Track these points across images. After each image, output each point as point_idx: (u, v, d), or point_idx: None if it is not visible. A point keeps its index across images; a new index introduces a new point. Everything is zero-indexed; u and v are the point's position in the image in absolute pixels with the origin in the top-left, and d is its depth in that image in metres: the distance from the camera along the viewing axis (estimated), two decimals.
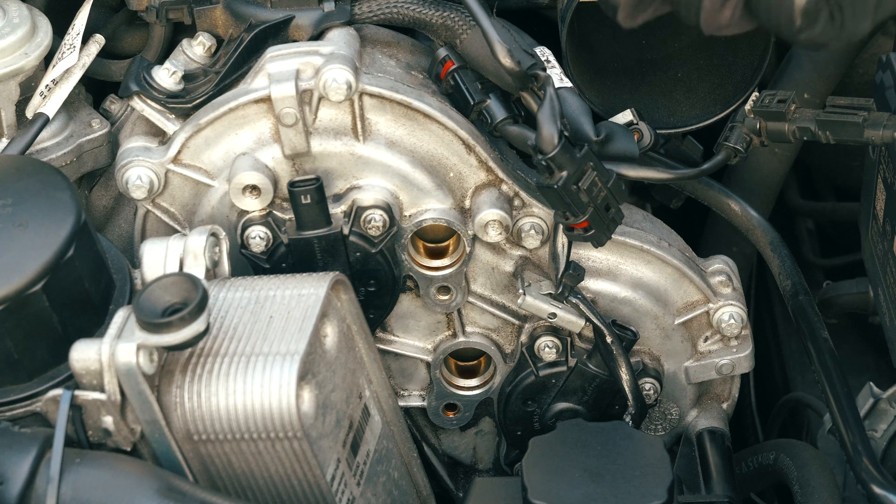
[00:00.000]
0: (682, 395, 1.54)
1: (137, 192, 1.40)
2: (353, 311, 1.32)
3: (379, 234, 1.40)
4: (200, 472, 1.20)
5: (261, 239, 1.39)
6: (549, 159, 1.27)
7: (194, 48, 1.45)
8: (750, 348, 1.50)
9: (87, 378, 1.15)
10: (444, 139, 1.40)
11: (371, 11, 1.43)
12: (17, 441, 1.12)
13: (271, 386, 1.16)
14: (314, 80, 1.35)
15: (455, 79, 1.40)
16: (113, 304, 1.24)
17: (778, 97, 1.37)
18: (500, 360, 1.52)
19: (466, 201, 1.43)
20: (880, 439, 1.42)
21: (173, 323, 1.12)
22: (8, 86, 1.38)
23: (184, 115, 1.42)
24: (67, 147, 1.43)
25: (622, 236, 1.45)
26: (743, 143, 1.39)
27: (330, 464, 1.22)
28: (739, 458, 1.54)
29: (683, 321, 1.49)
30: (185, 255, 1.24)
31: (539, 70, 1.34)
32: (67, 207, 1.20)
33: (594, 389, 1.50)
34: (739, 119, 1.40)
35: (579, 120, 1.38)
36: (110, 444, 1.18)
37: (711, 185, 1.58)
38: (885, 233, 1.43)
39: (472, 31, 1.39)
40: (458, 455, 1.65)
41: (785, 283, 1.52)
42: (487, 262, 1.47)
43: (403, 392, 1.56)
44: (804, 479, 1.39)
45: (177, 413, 1.17)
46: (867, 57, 1.69)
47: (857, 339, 1.86)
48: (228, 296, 1.25)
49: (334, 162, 1.40)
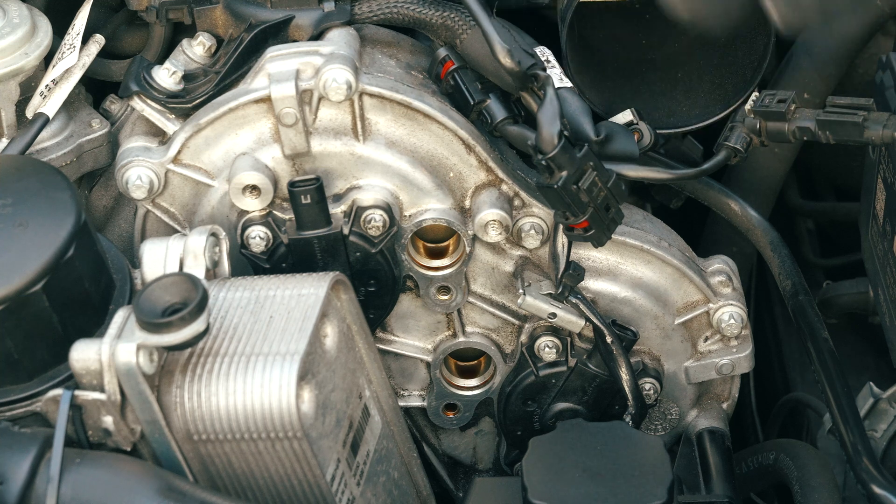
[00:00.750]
0: (682, 395, 1.54)
1: (137, 192, 1.40)
2: (353, 311, 1.32)
3: (379, 234, 1.40)
4: (200, 472, 1.20)
5: (261, 239, 1.39)
6: (549, 159, 1.27)
7: (194, 48, 1.45)
8: (750, 348, 1.50)
9: (87, 378, 1.15)
10: (444, 139, 1.40)
11: (371, 11, 1.43)
12: (17, 441, 1.12)
13: (271, 386, 1.16)
14: (314, 80, 1.35)
15: (455, 79, 1.40)
16: (113, 304, 1.24)
17: (778, 97, 1.37)
18: (500, 360, 1.52)
19: (466, 201, 1.43)
20: (880, 439, 1.42)
21: (173, 323, 1.12)
22: (8, 86, 1.38)
23: (184, 115, 1.42)
24: (67, 147, 1.43)
25: (622, 236, 1.45)
26: (743, 143, 1.39)
27: (330, 464, 1.22)
28: (739, 458, 1.54)
29: (683, 321, 1.49)
30: (185, 255, 1.24)
31: (539, 70, 1.34)
32: (67, 207, 1.20)
33: (594, 389, 1.50)
34: (739, 119, 1.40)
35: (579, 120, 1.38)
36: (110, 444, 1.18)
37: (711, 185, 1.58)
38: (885, 233, 1.43)
39: (472, 31, 1.39)
40: (458, 455, 1.65)
41: (785, 283, 1.51)
42: (487, 262, 1.47)
43: (403, 392, 1.56)
44: (804, 479, 1.39)
45: (177, 413, 1.17)
46: (867, 57, 1.69)
47: (857, 339, 1.86)
48: (228, 296, 1.25)
49: (334, 162, 1.40)
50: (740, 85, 1.51)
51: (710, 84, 1.54)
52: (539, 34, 1.50)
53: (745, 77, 1.50)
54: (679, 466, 1.48)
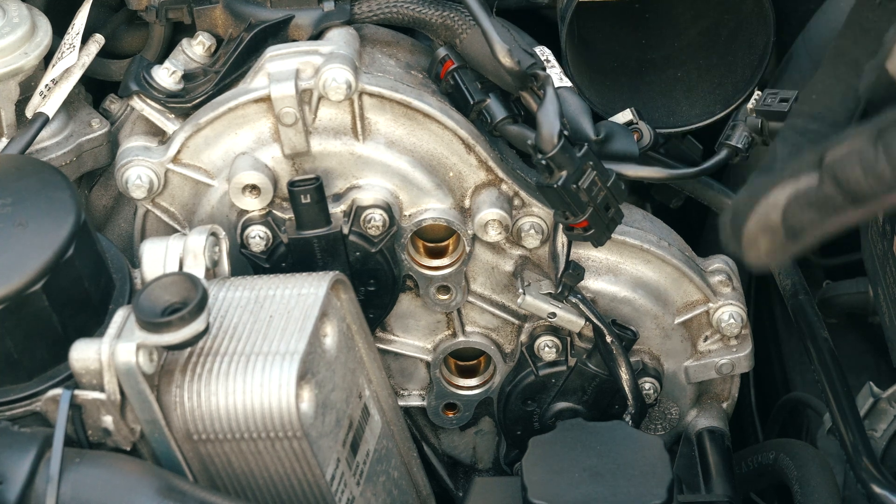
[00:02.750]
0: (681, 395, 1.54)
1: (137, 191, 1.40)
2: (352, 311, 1.32)
3: (379, 233, 1.39)
4: (200, 472, 1.20)
5: (260, 238, 1.39)
6: (549, 159, 1.27)
7: (194, 48, 1.45)
8: (749, 348, 1.50)
9: (86, 378, 1.15)
10: (443, 139, 1.40)
11: (371, 11, 1.43)
12: (17, 441, 1.12)
13: (271, 385, 1.16)
14: (314, 80, 1.35)
15: (455, 78, 1.40)
16: (113, 304, 1.24)
17: (780, 96, 1.37)
18: (500, 360, 1.52)
19: (466, 201, 1.43)
20: (880, 439, 1.42)
21: (173, 322, 1.12)
22: (8, 85, 1.38)
23: (183, 115, 1.42)
24: (67, 147, 1.43)
25: (622, 236, 1.45)
26: (745, 143, 1.39)
27: (330, 463, 1.22)
28: (739, 457, 1.53)
29: (683, 321, 1.49)
30: (185, 254, 1.24)
31: (539, 69, 1.34)
32: (67, 207, 1.20)
33: (594, 389, 1.50)
34: (741, 118, 1.40)
35: (579, 119, 1.38)
36: (110, 444, 1.18)
37: (711, 185, 1.58)
38: (885, 233, 1.43)
39: (471, 30, 1.39)
40: (457, 455, 1.65)
41: (785, 283, 1.51)
42: (487, 261, 1.47)
43: (403, 392, 1.56)
44: (804, 478, 1.39)
45: (176, 413, 1.17)
46: None
47: (857, 339, 1.85)
48: (228, 295, 1.25)
49: (334, 161, 1.40)
50: (740, 84, 1.51)
51: (710, 84, 1.54)
52: (539, 34, 1.50)
53: (746, 77, 1.50)
54: (679, 466, 1.48)
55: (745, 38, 1.51)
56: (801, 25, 1.58)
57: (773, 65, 1.68)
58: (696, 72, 1.56)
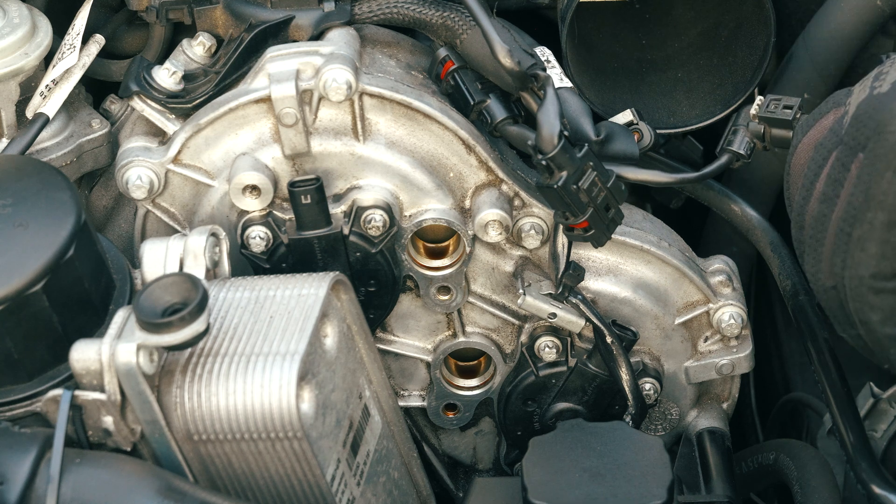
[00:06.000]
0: (682, 395, 1.54)
1: (137, 192, 1.40)
2: (353, 311, 1.32)
3: (379, 234, 1.40)
4: (200, 472, 1.20)
5: (261, 239, 1.39)
6: (549, 159, 1.27)
7: (194, 48, 1.45)
8: (750, 348, 1.50)
9: (87, 378, 1.15)
10: (444, 139, 1.40)
11: (371, 11, 1.43)
12: (18, 441, 1.12)
13: (271, 386, 1.16)
14: (314, 80, 1.35)
15: (455, 79, 1.40)
16: (113, 304, 1.24)
17: (784, 103, 1.37)
18: (500, 360, 1.52)
19: (466, 201, 1.43)
20: (880, 439, 1.42)
21: (173, 323, 1.12)
22: (8, 86, 1.38)
23: (184, 115, 1.42)
24: (67, 147, 1.43)
25: (622, 236, 1.45)
26: (747, 148, 1.39)
27: (330, 464, 1.22)
28: (739, 458, 1.54)
29: (683, 321, 1.49)
30: (185, 255, 1.24)
31: (539, 70, 1.34)
32: (67, 207, 1.20)
33: (594, 389, 1.50)
34: (742, 122, 1.40)
35: (579, 120, 1.38)
36: (110, 444, 1.18)
37: (711, 186, 1.58)
38: None
39: (472, 31, 1.39)
40: (458, 455, 1.65)
41: (785, 283, 1.51)
42: (487, 262, 1.47)
43: (403, 392, 1.56)
44: (804, 479, 1.39)
45: (177, 413, 1.17)
46: (867, 57, 1.69)
47: None
48: (228, 296, 1.25)
49: (334, 162, 1.40)
50: (740, 85, 1.51)
51: (710, 84, 1.54)
52: (539, 34, 1.50)
53: (746, 77, 1.50)
54: (679, 466, 1.48)
55: (746, 39, 1.51)
56: (802, 26, 1.58)
57: (774, 66, 1.69)
58: (696, 72, 1.56)
